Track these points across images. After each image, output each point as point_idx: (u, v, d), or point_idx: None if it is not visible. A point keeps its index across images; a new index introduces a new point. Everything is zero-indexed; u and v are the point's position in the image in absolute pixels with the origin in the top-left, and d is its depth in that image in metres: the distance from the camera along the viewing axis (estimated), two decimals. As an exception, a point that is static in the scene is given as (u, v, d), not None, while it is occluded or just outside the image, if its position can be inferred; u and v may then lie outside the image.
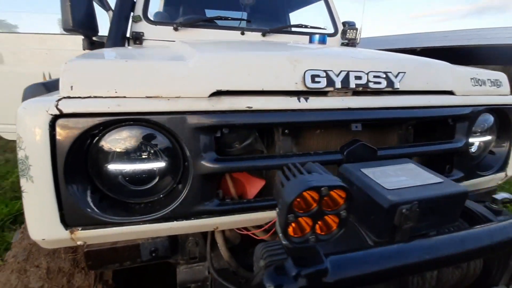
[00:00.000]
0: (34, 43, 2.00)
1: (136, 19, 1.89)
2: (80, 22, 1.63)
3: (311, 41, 1.84)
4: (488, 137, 1.12)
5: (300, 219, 0.42)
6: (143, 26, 1.90)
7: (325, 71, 0.81)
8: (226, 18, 2.10)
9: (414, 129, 1.03)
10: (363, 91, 0.86)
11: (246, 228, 0.88)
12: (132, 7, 1.91)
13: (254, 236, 0.85)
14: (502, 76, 1.12)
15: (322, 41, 1.84)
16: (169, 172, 0.75)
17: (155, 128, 0.71)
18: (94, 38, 1.82)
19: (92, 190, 0.72)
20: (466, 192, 0.58)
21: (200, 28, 2.01)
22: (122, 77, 0.69)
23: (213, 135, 0.73)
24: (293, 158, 0.78)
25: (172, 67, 0.73)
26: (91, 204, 0.70)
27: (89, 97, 0.67)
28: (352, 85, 0.83)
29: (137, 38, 1.85)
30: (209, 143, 0.73)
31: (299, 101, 0.78)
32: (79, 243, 0.72)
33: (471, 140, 1.08)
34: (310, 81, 0.79)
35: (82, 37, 1.77)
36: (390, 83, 0.87)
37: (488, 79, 1.07)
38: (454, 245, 0.56)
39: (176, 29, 1.94)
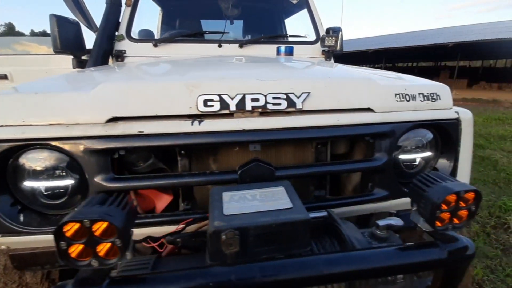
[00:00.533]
0: (39, 63, 2.28)
1: (119, 38, 2.06)
2: (68, 44, 1.84)
3: (278, 52, 1.86)
4: (427, 153, 1.06)
5: (76, 245, 0.48)
6: (125, 44, 2.07)
7: (219, 95, 0.85)
8: (203, 33, 2.19)
9: (339, 147, 1.03)
10: (272, 111, 0.89)
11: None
12: (117, 27, 2.09)
13: (158, 249, 0.92)
14: (441, 89, 1.05)
15: (289, 52, 1.85)
16: (77, 189, 0.85)
17: (58, 151, 0.82)
18: (83, 57, 2.03)
19: (12, 202, 0.85)
20: (306, 219, 0.59)
21: (178, 43, 2.13)
22: (29, 107, 0.81)
23: (109, 157, 0.82)
24: (186, 178, 0.84)
25: (74, 97, 0.83)
26: (7, 215, 0.82)
27: (2, 126, 0.79)
28: (249, 107, 0.86)
29: (119, 56, 2.01)
30: (105, 164, 0.81)
31: (192, 124, 0.84)
32: (2, 247, 0.85)
33: (405, 157, 1.04)
34: (203, 105, 0.84)
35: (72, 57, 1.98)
36: (291, 103, 0.89)
37: (420, 94, 1.02)
38: (290, 270, 0.57)
39: (155, 45, 2.08)
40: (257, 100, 0.87)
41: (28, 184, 0.83)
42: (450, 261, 0.61)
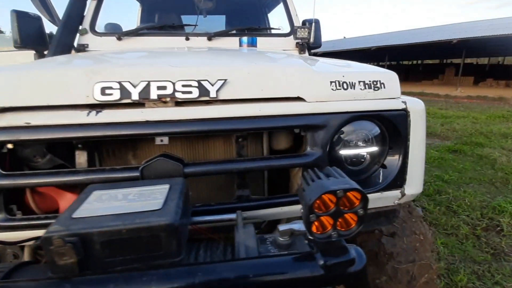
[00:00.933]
0: (8, 59, 2.23)
1: (82, 32, 1.99)
2: (29, 39, 1.78)
3: (240, 44, 1.76)
4: (372, 149, 0.95)
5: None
6: (88, 38, 2.00)
7: (119, 82, 0.76)
8: (170, 26, 2.11)
9: (279, 141, 0.93)
10: (185, 101, 0.79)
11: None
12: (81, 21, 2.03)
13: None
14: (387, 77, 0.94)
15: (251, 43, 1.75)
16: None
17: None
18: (45, 52, 1.97)
19: None
20: (169, 224, 0.49)
21: (144, 36, 2.05)
22: None
23: (-4, 151, 0.73)
24: (80, 174, 0.75)
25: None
26: None
27: None
28: (154, 96, 0.77)
29: (80, 50, 1.94)
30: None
31: (88, 115, 0.75)
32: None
33: (347, 152, 0.93)
34: (100, 93, 0.75)
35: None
36: (204, 92, 0.79)
37: (360, 81, 0.90)
38: (139, 283, 0.48)
39: (119, 39, 2.01)
40: (164, 88, 0.77)
41: None
42: (327, 279, 0.50)
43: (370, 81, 0.91)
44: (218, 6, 2.66)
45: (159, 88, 0.77)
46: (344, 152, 0.93)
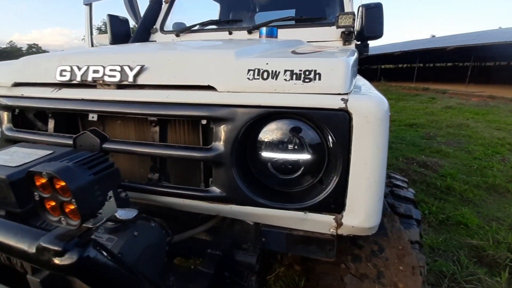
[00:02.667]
0: None
1: (153, 31, 2.43)
2: (118, 37, 2.36)
3: (260, 35, 1.70)
4: (303, 156, 0.76)
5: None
6: (157, 36, 2.42)
7: (71, 66, 0.93)
8: (217, 22, 2.26)
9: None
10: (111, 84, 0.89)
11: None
12: (155, 21, 2.47)
13: None
14: (326, 66, 0.71)
15: (270, 34, 1.65)
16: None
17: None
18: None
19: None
20: (4, 179, 0.58)
21: (196, 32, 2.29)
22: None
23: (10, 112, 1.05)
24: (41, 135, 0.97)
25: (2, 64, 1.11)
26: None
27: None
28: (90, 78, 0.90)
29: (149, 45, 2.38)
30: (8, 118, 1.06)
31: (52, 92, 0.96)
32: None
33: (270, 155, 0.80)
34: (59, 75, 0.94)
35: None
36: (124, 76, 0.85)
37: (287, 71, 0.73)
38: None
39: (177, 35, 2.32)
40: (97, 71, 0.89)
41: None
42: (41, 259, 0.43)
43: (300, 70, 0.72)
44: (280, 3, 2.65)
45: (94, 71, 0.89)
46: (267, 154, 0.79)
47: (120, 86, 0.88)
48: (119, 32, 2.38)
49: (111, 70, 0.87)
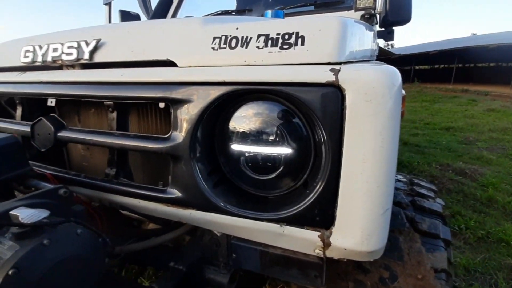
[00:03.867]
0: None
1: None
2: None
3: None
4: (283, 150, 0.58)
5: None
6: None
7: (33, 46, 0.83)
8: (225, 13, 2.13)
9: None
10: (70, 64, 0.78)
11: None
12: (165, 15, 2.41)
13: None
14: (313, 26, 0.52)
15: (276, 16, 1.47)
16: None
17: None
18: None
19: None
20: None
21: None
22: None
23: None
24: (5, 123, 0.88)
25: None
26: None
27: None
28: (49, 58, 0.79)
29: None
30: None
31: (16, 75, 0.87)
32: None
33: (242, 148, 0.62)
34: (23, 56, 0.85)
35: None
36: (80, 54, 0.73)
37: (261, 36, 0.55)
38: None
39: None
40: (56, 50, 0.78)
41: None
42: None
43: (277, 34, 0.54)
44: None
45: (53, 50, 0.78)
46: (238, 147, 0.61)
47: (77, 66, 0.76)
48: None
49: (69, 47, 0.75)
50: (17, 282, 0.41)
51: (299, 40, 0.52)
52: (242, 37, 0.56)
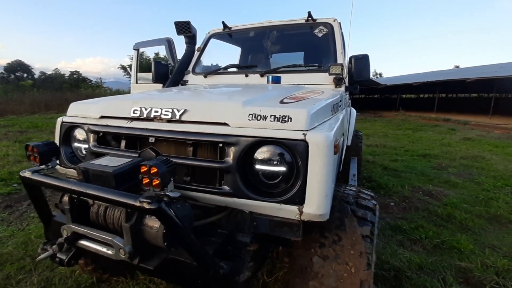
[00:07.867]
0: (149, 88, 3.78)
1: (187, 72, 3.08)
2: (159, 77, 3.04)
3: (267, 81, 2.23)
4: (279, 169, 1.21)
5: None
6: (189, 77, 3.06)
7: (140, 107, 1.48)
8: (236, 66, 2.86)
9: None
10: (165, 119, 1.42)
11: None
12: (188, 65, 3.13)
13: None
14: (296, 114, 1.18)
15: (276, 81, 2.17)
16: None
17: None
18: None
19: None
20: (110, 172, 1.09)
21: (220, 74, 2.90)
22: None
23: (96, 135, 1.61)
24: (117, 150, 1.50)
25: (92, 103, 1.70)
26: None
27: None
28: (152, 115, 1.43)
29: (183, 84, 3.02)
30: (94, 139, 1.61)
31: (127, 123, 1.51)
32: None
33: (260, 167, 1.25)
34: (132, 112, 1.49)
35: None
36: (173, 115, 1.38)
37: (272, 115, 1.21)
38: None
39: (205, 77, 2.94)
40: (157, 111, 1.43)
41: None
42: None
43: (280, 115, 1.20)
44: (291, 47, 3.24)
45: (155, 111, 1.43)
46: (258, 167, 1.25)
47: (170, 120, 1.40)
48: (160, 72, 3.06)
49: (166, 111, 1.40)
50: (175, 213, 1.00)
51: (289, 119, 1.18)
52: (263, 115, 1.22)
